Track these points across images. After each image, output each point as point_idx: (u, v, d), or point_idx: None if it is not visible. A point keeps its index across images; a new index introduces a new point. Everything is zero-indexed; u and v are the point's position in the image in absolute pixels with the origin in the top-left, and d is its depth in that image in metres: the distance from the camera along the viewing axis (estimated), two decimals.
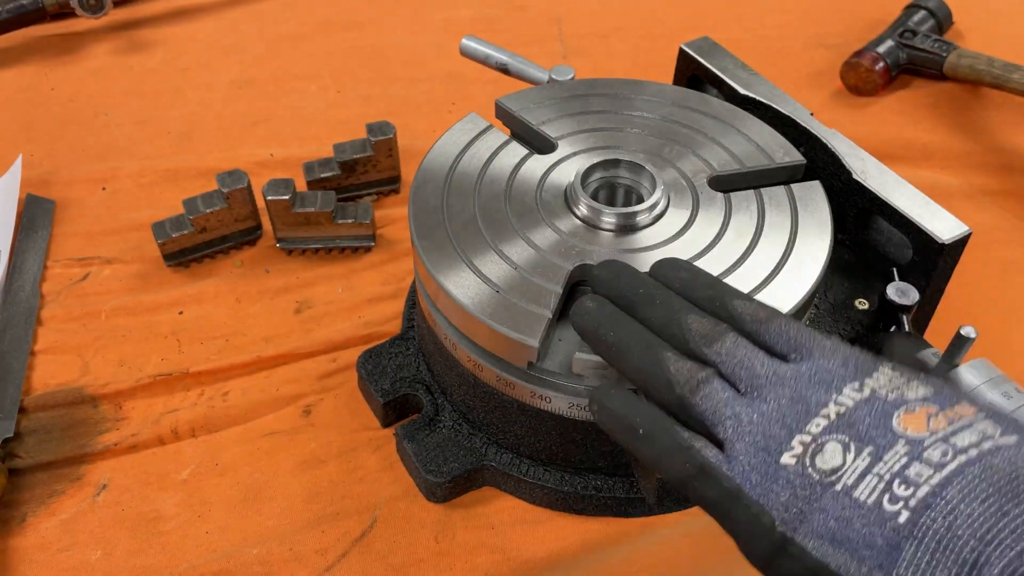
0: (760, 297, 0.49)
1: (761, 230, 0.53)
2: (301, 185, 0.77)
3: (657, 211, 0.54)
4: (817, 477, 0.32)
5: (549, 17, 1.02)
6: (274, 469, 0.58)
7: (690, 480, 0.36)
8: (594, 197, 0.56)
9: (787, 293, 0.50)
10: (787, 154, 0.58)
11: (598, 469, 0.55)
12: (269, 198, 0.69)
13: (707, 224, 0.54)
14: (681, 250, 0.52)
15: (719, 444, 0.36)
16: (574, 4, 1.04)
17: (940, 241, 0.53)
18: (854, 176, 0.57)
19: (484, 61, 0.72)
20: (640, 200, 0.56)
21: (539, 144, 0.60)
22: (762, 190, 0.56)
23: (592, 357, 0.47)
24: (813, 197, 0.55)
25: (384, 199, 0.78)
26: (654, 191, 0.55)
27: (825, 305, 0.56)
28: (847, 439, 0.33)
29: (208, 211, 0.69)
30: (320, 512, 0.56)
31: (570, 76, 0.67)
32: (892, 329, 0.54)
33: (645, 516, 0.56)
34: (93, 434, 0.60)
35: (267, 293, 0.70)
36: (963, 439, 0.31)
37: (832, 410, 0.34)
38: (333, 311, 0.68)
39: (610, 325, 0.42)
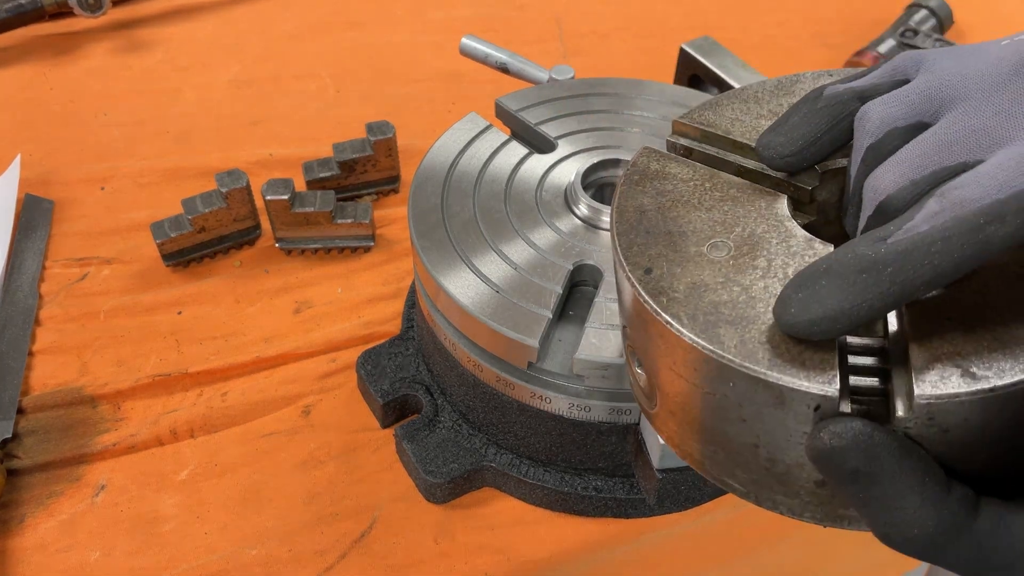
0: None
1: None
2: (300, 185, 0.77)
3: None
4: None
5: (549, 16, 1.01)
6: (273, 469, 0.58)
7: None
8: (594, 197, 0.56)
9: None
10: None
11: (598, 470, 0.55)
12: (268, 198, 0.69)
13: None
14: None
15: None
16: (574, 3, 1.04)
17: None
18: None
19: (484, 60, 0.72)
20: None
21: (539, 144, 0.60)
22: None
23: (592, 357, 0.47)
24: None
25: (384, 199, 0.78)
26: None
27: None
28: None
29: (207, 211, 0.69)
30: (319, 513, 0.56)
31: (570, 75, 0.67)
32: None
33: (645, 517, 0.56)
34: (92, 434, 0.60)
35: (266, 293, 0.70)
36: None
37: None
38: (333, 311, 0.68)
39: None
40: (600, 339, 0.47)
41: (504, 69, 0.71)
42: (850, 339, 0.32)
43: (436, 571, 0.53)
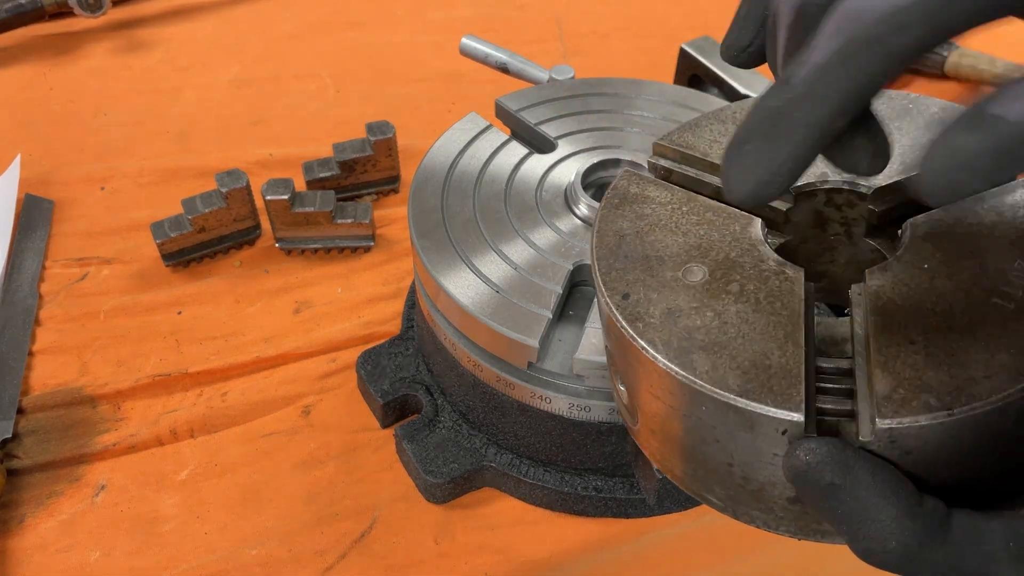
0: None
1: None
2: (300, 185, 0.77)
3: None
4: None
5: (549, 16, 1.01)
6: (273, 470, 0.58)
7: None
8: (594, 197, 0.56)
9: None
10: None
11: (598, 470, 0.55)
12: (268, 198, 0.69)
13: None
14: None
15: None
16: (574, 3, 1.04)
17: None
18: None
19: (484, 60, 0.72)
20: None
21: (539, 143, 0.60)
22: None
23: (592, 357, 0.47)
24: None
25: (384, 199, 0.78)
26: None
27: None
28: None
29: (207, 211, 0.69)
30: (319, 513, 0.56)
31: (570, 75, 0.67)
32: None
33: (645, 517, 0.56)
34: (92, 435, 0.60)
35: (266, 293, 0.70)
36: None
37: None
38: (333, 311, 0.68)
39: None
40: (600, 339, 0.47)
41: (504, 69, 0.71)
42: (819, 362, 0.34)
43: (436, 571, 0.53)
